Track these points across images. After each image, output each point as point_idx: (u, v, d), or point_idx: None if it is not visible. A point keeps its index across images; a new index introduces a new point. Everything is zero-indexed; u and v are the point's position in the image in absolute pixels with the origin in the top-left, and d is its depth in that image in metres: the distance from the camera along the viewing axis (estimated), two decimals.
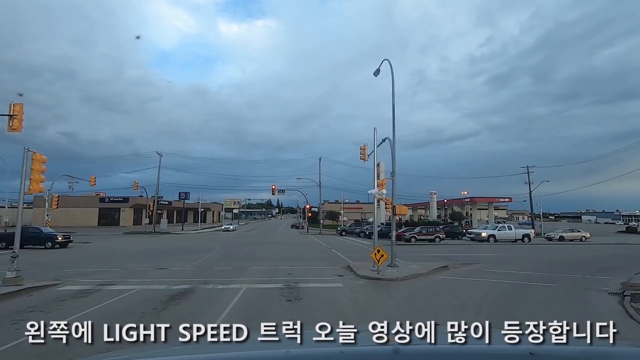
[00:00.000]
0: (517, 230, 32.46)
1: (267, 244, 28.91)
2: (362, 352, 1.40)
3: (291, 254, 21.00)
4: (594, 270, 15.26)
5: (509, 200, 61.43)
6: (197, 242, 30.08)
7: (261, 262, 16.73)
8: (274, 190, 49.94)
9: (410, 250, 24.04)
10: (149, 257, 18.96)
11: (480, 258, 19.33)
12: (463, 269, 15.17)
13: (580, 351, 1.41)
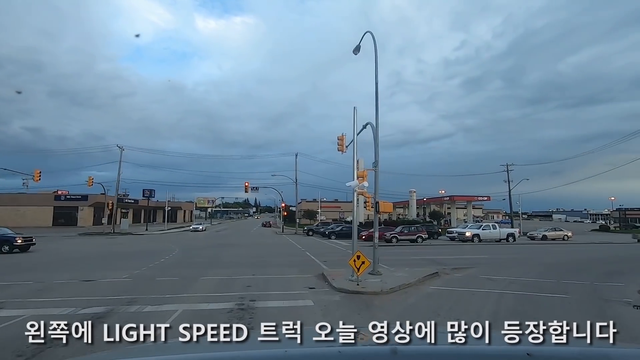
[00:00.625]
0: (502, 229, 31.01)
1: (235, 246, 26.02)
2: (360, 352, 1.39)
3: (258, 259, 18.30)
4: (599, 275, 13.53)
5: (487, 199, 60.93)
6: (156, 245, 26.78)
7: (219, 270, 13.97)
8: (247, 187, 46.83)
9: (392, 252, 21.83)
10: (85, 265, 15.78)
11: (470, 261, 17.31)
12: (456, 276, 13.00)
13: (577, 352, 1.38)
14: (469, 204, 63.72)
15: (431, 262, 16.90)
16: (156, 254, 19.92)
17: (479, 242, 29.10)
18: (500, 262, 17.03)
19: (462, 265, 15.83)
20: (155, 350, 1.60)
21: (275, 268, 14.68)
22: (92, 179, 38.83)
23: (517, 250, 23.62)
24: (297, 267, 15.15)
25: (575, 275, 13.45)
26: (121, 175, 42.02)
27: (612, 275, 13.76)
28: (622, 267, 15.70)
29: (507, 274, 13.61)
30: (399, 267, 14.75)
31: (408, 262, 16.76)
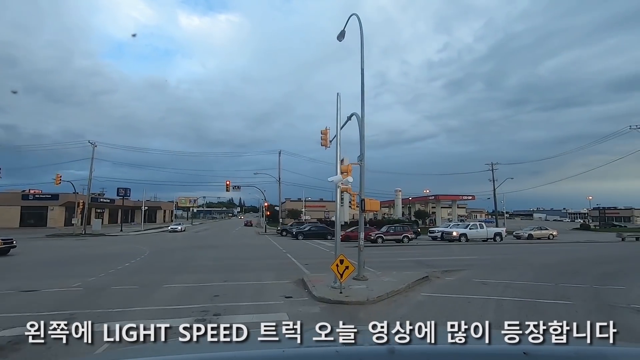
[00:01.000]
0: (489, 229, 30.41)
1: (212, 248, 24.45)
2: (358, 352, 1.38)
3: (234, 261, 16.89)
4: (596, 277, 12.77)
5: (472, 198, 60.88)
6: (125, 247, 24.93)
7: (188, 275, 12.53)
8: (228, 186, 45.07)
9: (377, 253, 20.75)
10: (35, 271, 14.03)
11: (460, 263, 16.37)
12: (448, 280, 11.96)
13: (574, 351, 1.38)
14: (454, 203, 63.59)
15: (420, 264, 15.88)
16: (123, 257, 18.23)
17: (466, 241, 28.38)
18: (491, 264, 16.15)
19: (453, 267, 14.85)
20: (155, 350, 1.60)
21: (251, 272, 13.34)
22: (59, 177, 36.36)
23: (505, 250, 22.93)
24: (275, 271, 13.84)
25: (571, 278, 12.65)
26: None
27: (608, 277, 13.05)
28: (616, 268, 15.04)
29: (501, 277, 12.69)
30: (386, 270, 13.63)
31: (395, 265, 15.70)
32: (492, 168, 49.05)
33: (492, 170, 48.86)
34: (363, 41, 11.76)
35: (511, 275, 12.96)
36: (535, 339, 1.39)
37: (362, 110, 11.71)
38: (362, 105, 11.72)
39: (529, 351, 1.29)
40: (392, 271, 13.11)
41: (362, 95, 11.71)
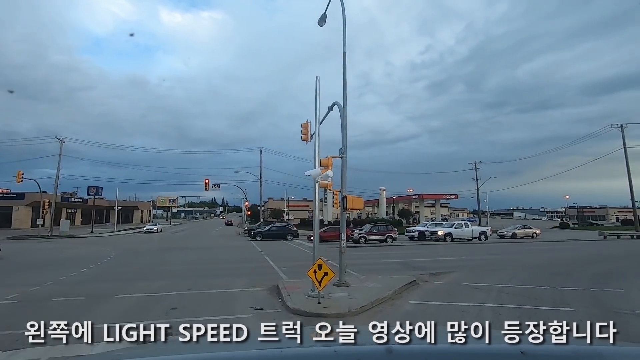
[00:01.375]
0: (474, 228, 29.86)
1: (186, 250, 22.89)
2: (356, 352, 1.37)
3: (206, 265, 15.53)
4: (591, 279, 12.13)
5: (455, 197, 60.96)
6: (91, 249, 23.05)
7: (150, 283, 11.14)
8: (207, 185, 43.28)
9: (361, 254, 19.74)
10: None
11: (448, 264, 15.50)
12: (437, 285, 10.99)
13: (571, 350, 1.36)
14: (437, 202, 63.58)
15: (406, 267, 14.92)
16: (83, 261, 16.56)
17: (452, 241, 27.73)
18: (480, 265, 15.34)
19: (441, 269, 13.94)
20: (155, 350, 1.61)
21: (222, 278, 12.04)
22: (21, 174, 33.83)
23: (492, 250, 22.30)
24: (249, 276, 12.58)
25: (565, 280, 11.93)
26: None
27: (602, 278, 12.41)
28: (607, 268, 14.48)
29: (493, 279, 11.83)
30: (370, 273, 12.58)
31: (380, 267, 14.68)
32: (475, 167, 49.01)
33: (476, 169, 48.82)
34: (345, 21, 10.65)
35: (503, 278, 12.12)
36: (535, 339, 1.37)
37: (344, 99, 10.60)
38: (344, 92, 10.61)
39: (526, 350, 1.29)
40: (376, 275, 12.06)
41: (344, 81, 10.60)
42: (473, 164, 48.95)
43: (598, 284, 11.32)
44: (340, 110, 10.65)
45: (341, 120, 10.50)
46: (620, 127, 33.69)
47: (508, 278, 12.15)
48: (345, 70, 10.58)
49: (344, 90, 10.68)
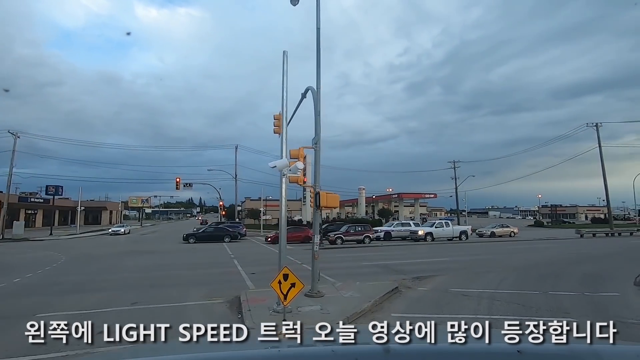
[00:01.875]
0: (455, 227, 29.16)
1: (148, 254, 20.92)
2: (353, 351, 1.35)
3: (165, 272, 13.84)
4: (582, 281, 11.39)
5: (434, 197, 60.94)
6: (41, 254, 20.65)
7: (86, 296, 9.43)
8: (178, 183, 40.96)
9: (337, 256, 18.46)
10: None
11: (431, 266, 14.44)
12: (422, 292, 9.83)
13: (568, 349, 1.35)
14: (416, 201, 63.39)
15: (386, 270, 13.75)
16: (24, 268, 14.50)
17: (432, 241, 26.91)
18: (465, 267, 14.36)
19: (424, 272, 12.84)
20: (155, 350, 1.62)
21: (178, 288, 10.45)
22: None
23: (474, 250, 21.52)
24: (210, 284, 11.04)
25: (555, 282, 11.09)
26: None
27: (593, 280, 11.69)
28: (595, 269, 13.83)
29: (481, 284, 10.82)
30: (348, 279, 11.31)
31: (358, 271, 13.45)
32: (454, 166, 48.90)
33: (454, 168, 48.71)
34: None
35: (491, 282, 11.12)
36: (535, 339, 1.36)
37: (317, 81, 9.25)
38: (318, 73, 9.27)
39: (523, 349, 1.30)
40: (354, 281, 10.78)
41: (318, 62, 9.26)
42: (452, 163, 48.84)
43: (590, 286, 10.54)
44: (313, 95, 9.30)
45: (314, 106, 9.16)
46: (596, 126, 34.07)
47: (497, 282, 11.16)
48: (319, 48, 9.25)
49: (317, 71, 9.33)
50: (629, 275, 12.46)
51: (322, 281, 10.96)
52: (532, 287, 10.48)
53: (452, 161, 49.02)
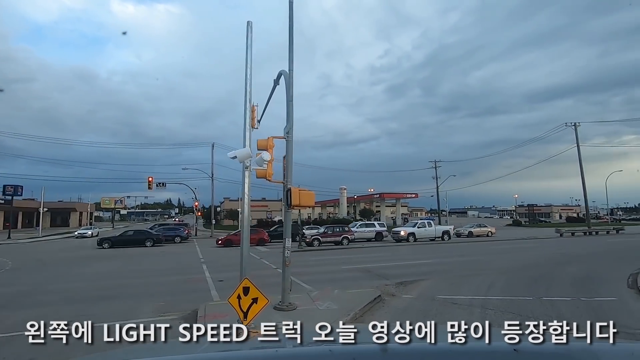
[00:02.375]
0: (437, 227, 28.49)
1: (110, 259, 19.17)
2: (351, 351, 1.34)
3: (119, 281, 12.35)
4: (573, 284, 10.82)
5: (415, 196, 60.84)
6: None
7: (14, 311, 7.94)
8: (150, 183, 38.87)
9: (314, 260, 17.34)
10: None
11: (416, 269, 13.54)
12: (407, 300, 8.84)
13: (564, 348, 1.34)
14: (397, 201, 63.17)
15: (367, 274, 12.73)
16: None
17: (414, 241, 26.16)
18: (450, 270, 13.51)
19: (408, 276, 11.90)
20: (155, 350, 1.61)
21: (130, 300, 9.07)
22: None
23: (458, 251, 20.84)
24: (168, 295, 9.72)
25: (548, 286, 10.38)
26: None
27: (584, 282, 11.07)
28: (583, 270, 13.27)
29: (470, 289, 9.96)
30: (325, 286, 10.23)
31: (337, 276, 12.36)
32: (435, 166, 48.74)
33: (436, 167, 48.57)
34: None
35: (480, 287, 10.27)
36: (535, 339, 1.35)
37: (290, 63, 8.10)
38: (290, 53, 8.11)
39: (519, 348, 1.29)
40: (333, 288, 9.69)
41: (290, 38, 8.10)
42: (433, 162, 48.68)
43: (585, 290, 9.86)
44: (285, 79, 8.15)
45: (287, 90, 8.01)
46: (574, 126, 34.40)
47: (486, 287, 10.33)
48: (291, 22, 8.09)
49: (290, 52, 8.18)
50: (618, 277, 11.95)
51: (296, 289, 9.83)
52: (524, 292, 9.71)
53: (433, 161, 48.85)
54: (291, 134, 7.77)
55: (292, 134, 7.79)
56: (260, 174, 7.35)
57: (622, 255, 17.10)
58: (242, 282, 5.55)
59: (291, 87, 7.95)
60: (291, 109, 7.88)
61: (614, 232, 34.03)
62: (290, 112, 7.89)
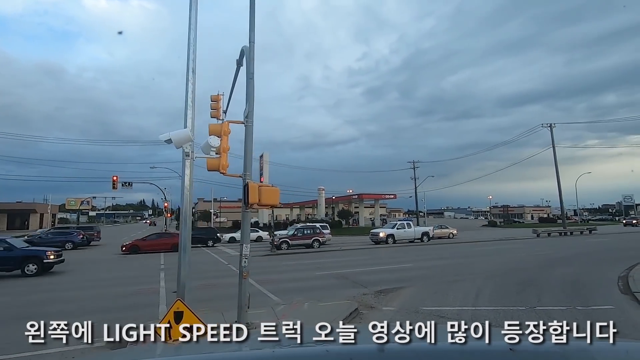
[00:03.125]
0: (417, 228, 27.64)
1: (66, 265, 17.14)
2: (348, 351, 1.31)
3: (54, 294, 10.61)
4: (563, 290, 10.25)
5: (393, 197, 60.50)
6: None
7: None
8: (115, 182, 36.31)
9: (285, 265, 16.00)
10: None
11: (396, 275, 12.47)
12: (389, 313, 7.70)
13: (559, 348, 1.33)
14: (376, 202, 62.65)
15: (343, 282, 11.53)
16: None
17: (394, 243, 25.22)
18: (432, 275, 12.49)
19: (388, 283, 10.81)
20: (156, 350, 1.58)
21: (57, 318, 7.43)
22: None
23: (438, 253, 19.99)
24: (104, 313, 8.13)
25: (538, 293, 9.57)
26: None
27: (575, 288, 10.35)
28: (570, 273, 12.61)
29: (456, 298, 8.96)
30: (295, 296, 8.96)
31: (309, 285, 11.11)
32: (414, 166, 48.41)
33: (414, 168, 48.23)
34: None
35: (467, 295, 9.29)
36: (535, 339, 1.35)
37: (250, 34, 6.77)
38: (252, 24, 6.79)
39: (520, 348, 1.30)
40: (303, 301, 8.43)
41: (252, 4, 6.77)
42: (412, 163, 48.32)
43: (578, 297, 9.11)
44: (246, 54, 6.82)
45: (247, 67, 6.68)
46: (550, 127, 34.64)
47: (473, 294, 9.35)
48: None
49: (250, 21, 6.85)
50: (607, 280, 11.32)
51: (260, 302, 8.53)
52: (516, 300, 8.78)
53: (412, 161, 48.49)
54: (251, 118, 6.46)
55: (252, 118, 6.48)
56: (211, 165, 6.00)
57: (603, 257, 16.73)
58: (173, 305, 4.19)
59: (252, 62, 6.64)
60: (252, 89, 6.57)
61: (587, 232, 34.47)
62: (250, 92, 6.57)
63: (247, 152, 6.43)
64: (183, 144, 4.71)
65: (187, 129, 4.80)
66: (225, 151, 6.14)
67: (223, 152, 6.07)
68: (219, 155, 5.97)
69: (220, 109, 7.63)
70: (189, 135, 4.66)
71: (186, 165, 5.10)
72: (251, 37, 6.80)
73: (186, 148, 4.84)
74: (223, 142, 6.12)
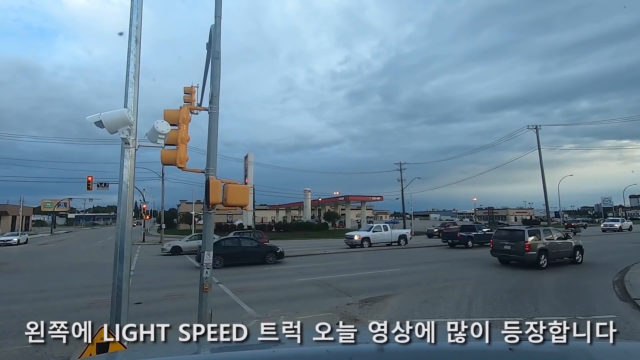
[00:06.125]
0: (394, 231, 26.61)
1: (13, 273, 15.71)
2: (348, 351, 1.31)
3: (12, 306, 9.39)
4: (558, 295, 9.89)
5: (380, 199, 59.97)
6: None
7: None
8: (90, 182, 34.45)
9: (265, 270, 14.99)
10: None
11: (380, 281, 11.67)
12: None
13: (559, 348, 1.33)
14: (363, 204, 62.05)
15: (325, 289, 10.66)
16: None
17: (369, 246, 24.14)
18: (418, 281, 11.67)
19: (372, 290, 10.01)
20: (155, 350, 1.60)
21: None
22: None
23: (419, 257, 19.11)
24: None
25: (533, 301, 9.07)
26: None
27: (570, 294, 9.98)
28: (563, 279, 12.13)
29: (448, 308, 8.26)
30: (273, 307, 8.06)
31: (288, 294, 10.21)
32: (400, 168, 47.99)
33: (401, 169, 47.82)
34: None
35: (459, 304, 8.56)
36: (535, 339, 1.35)
37: (217, 8, 5.86)
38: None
39: (520, 348, 1.28)
40: (280, 313, 7.52)
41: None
42: (398, 164, 47.89)
43: (576, 305, 8.58)
44: (211, 30, 5.90)
45: (211, 44, 5.76)
46: (536, 129, 34.69)
47: (465, 303, 8.64)
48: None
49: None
50: (602, 285, 10.81)
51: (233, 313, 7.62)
52: (511, 309, 8.12)
53: (398, 162, 48.07)
54: (216, 104, 5.54)
55: (217, 104, 5.56)
56: (166, 157, 5.05)
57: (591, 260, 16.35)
58: (98, 332, 3.25)
59: (218, 38, 5.73)
60: (218, 70, 5.65)
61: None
62: (216, 74, 5.65)
63: (212, 143, 5.50)
64: (118, 127, 3.76)
65: (125, 109, 3.85)
66: (184, 142, 5.20)
67: (181, 142, 5.14)
68: (176, 146, 5.04)
69: (194, 102, 6.68)
70: (126, 117, 3.72)
71: (125, 155, 4.13)
72: (217, 11, 5.89)
73: (122, 133, 3.88)
74: (182, 131, 5.19)
